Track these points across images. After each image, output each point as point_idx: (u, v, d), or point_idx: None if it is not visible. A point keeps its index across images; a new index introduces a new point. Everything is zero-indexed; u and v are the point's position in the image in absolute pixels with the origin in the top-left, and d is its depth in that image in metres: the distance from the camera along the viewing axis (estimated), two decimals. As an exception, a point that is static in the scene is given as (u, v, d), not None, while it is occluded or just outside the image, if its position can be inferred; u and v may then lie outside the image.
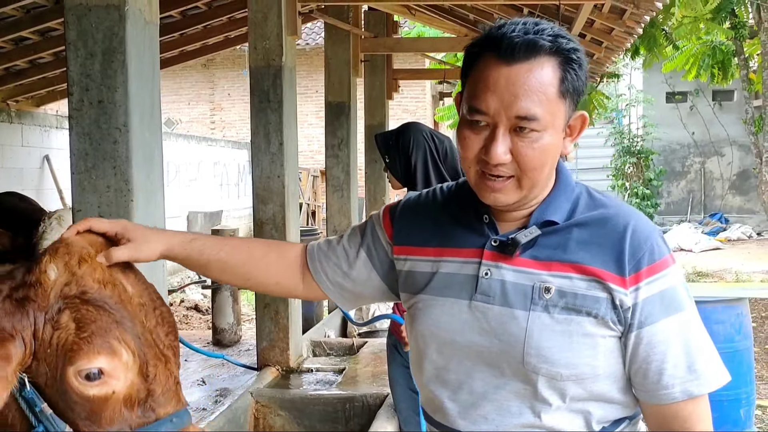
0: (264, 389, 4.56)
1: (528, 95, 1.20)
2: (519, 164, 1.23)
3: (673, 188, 17.56)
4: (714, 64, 11.31)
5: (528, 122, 1.21)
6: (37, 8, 6.38)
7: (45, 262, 1.24)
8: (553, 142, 1.24)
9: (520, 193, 1.26)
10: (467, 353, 1.30)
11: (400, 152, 2.93)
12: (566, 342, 1.23)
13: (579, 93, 1.26)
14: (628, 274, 1.22)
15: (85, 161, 2.77)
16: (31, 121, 8.68)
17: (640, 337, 1.23)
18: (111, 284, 1.26)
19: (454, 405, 1.32)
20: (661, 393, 1.24)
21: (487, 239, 1.31)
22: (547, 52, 1.21)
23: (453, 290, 1.32)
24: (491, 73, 1.22)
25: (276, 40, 4.69)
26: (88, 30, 2.74)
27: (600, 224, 1.27)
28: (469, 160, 1.27)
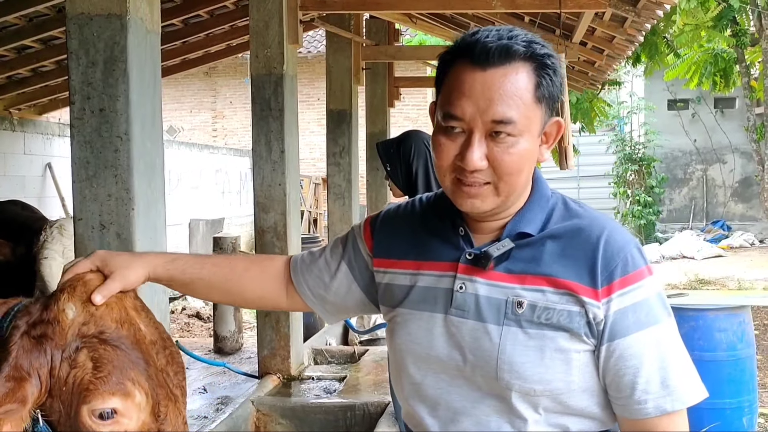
0: (265, 397, 4.56)
1: (503, 99, 1.18)
2: (495, 170, 1.21)
3: (675, 195, 17.54)
4: (716, 71, 11.30)
5: (504, 126, 1.19)
6: (39, 17, 6.40)
7: (63, 301, 1.26)
8: (530, 148, 1.22)
9: (497, 199, 1.24)
10: (443, 368, 1.29)
11: (402, 160, 2.93)
12: (539, 357, 1.21)
13: (554, 99, 1.24)
14: (600, 286, 1.20)
15: (87, 170, 2.78)
16: (34, 129, 8.70)
17: (611, 350, 1.21)
18: (127, 323, 1.28)
19: (434, 421, 1.31)
20: (634, 408, 1.22)
21: (462, 252, 1.29)
22: (521, 57, 1.20)
23: (429, 304, 1.31)
24: (466, 78, 1.20)
25: (277, 48, 4.70)
26: (90, 39, 2.75)
27: (573, 235, 1.25)
28: (444, 168, 1.24)
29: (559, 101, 1.27)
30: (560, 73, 1.26)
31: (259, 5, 4.69)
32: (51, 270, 3.20)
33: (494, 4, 4.90)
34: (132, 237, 2.77)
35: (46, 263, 3.21)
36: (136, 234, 2.78)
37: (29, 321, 1.24)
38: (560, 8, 4.76)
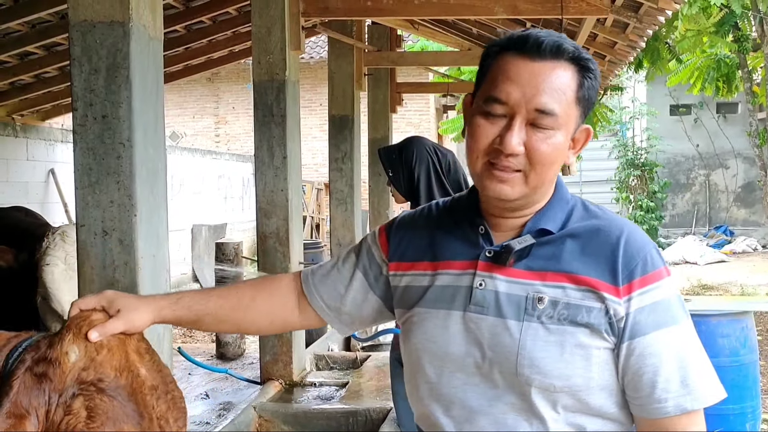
0: (267, 403, 4.56)
1: (549, 91, 1.22)
2: (530, 158, 1.23)
3: (678, 201, 17.53)
4: (719, 77, 11.30)
5: (545, 117, 1.22)
6: (42, 23, 6.42)
7: (67, 342, 1.24)
8: (564, 144, 1.26)
9: (525, 188, 1.25)
10: (460, 366, 1.29)
11: (404, 166, 2.93)
12: (559, 353, 1.22)
13: (591, 105, 1.28)
14: (621, 284, 1.22)
15: (89, 176, 2.78)
16: (37, 135, 8.72)
17: (632, 348, 1.22)
18: (127, 371, 1.26)
19: (449, 420, 1.31)
20: (653, 407, 1.22)
21: (482, 250, 1.31)
22: (569, 57, 1.24)
23: (447, 302, 1.31)
24: (515, 66, 1.24)
25: (279, 54, 4.71)
26: (93, 46, 2.76)
27: (593, 234, 1.27)
28: (479, 150, 1.26)
29: (592, 109, 1.30)
30: (599, 83, 1.30)
31: (261, 11, 4.71)
32: (53, 276, 3.20)
33: (496, 9, 4.91)
34: (134, 243, 2.77)
35: (48, 270, 3.21)
36: (138, 240, 2.78)
37: (34, 357, 1.23)
38: (562, 14, 4.77)
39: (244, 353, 7.04)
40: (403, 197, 2.99)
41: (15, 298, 3.36)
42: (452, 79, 10.35)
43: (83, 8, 2.76)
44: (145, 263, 2.82)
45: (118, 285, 2.78)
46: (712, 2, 7.70)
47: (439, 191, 2.89)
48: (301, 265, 5.09)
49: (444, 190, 2.89)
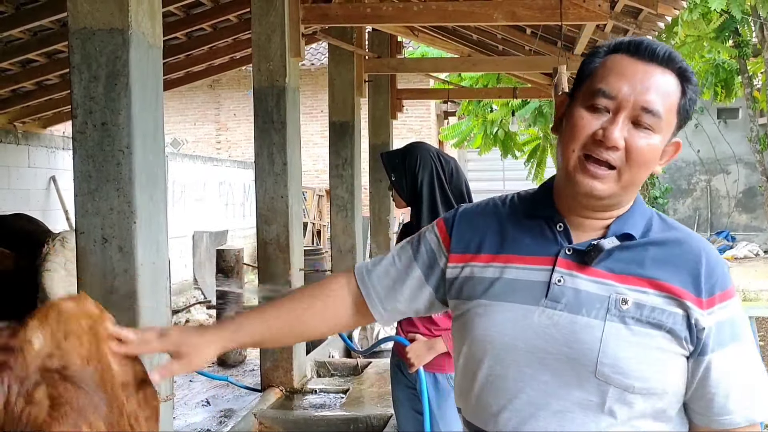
0: (267, 410, 4.55)
1: (658, 92, 1.25)
2: (628, 155, 1.24)
3: (679, 206, 17.53)
4: (717, 82, 11.31)
5: (650, 117, 1.24)
6: (43, 31, 6.45)
7: (31, 329, 1.17)
8: (659, 149, 1.28)
9: (617, 186, 1.26)
10: (528, 360, 1.28)
11: (407, 170, 2.92)
12: (642, 354, 1.23)
13: (687, 119, 1.31)
14: (705, 296, 1.25)
15: (89, 183, 2.79)
16: (38, 143, 8.74)
17: (713, 361, 1.25)
18: (96, 361, 1.19)
19: (511, 415, 1.30)
20: (724, 418, 1.26)
21: (561, 247, 1.31)
22: (677, 68, 1.28)
23: (518, 295, 1.31)
24: (628, 64, 1.27)
25: (279, 61, 4.72)
26: (92, 53, 2.77)
27: (676, 245, 1.29)
28: (578, 141, 1.26)
29: (685, 124, 1.32)
30: (696, 102, 1.32)
31: (261, 19, 4.72)
32: (52, 282, 3.22)
33: (495, 16, 4.92)
34: (134, 250, 2.78)
35: (47, 275, 3.22)
36: (137, 247, 2.78)
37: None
38: (561, 20, 4.78)
39: (245, 360, 7.04)
40: (405, 202, 2.99)
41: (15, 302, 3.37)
42: (453, 85, 10.36)
43: (83, 16, 2.77)
44: (144, 270, 2.82)
45: (118, 292, 2.78)
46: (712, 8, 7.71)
47: (441, 197, 2.89)
48: (301, 271, 5.09)
49: (446, 197, 2.89)
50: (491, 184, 17.47)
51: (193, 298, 10.92)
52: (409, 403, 2.93)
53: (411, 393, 2.90)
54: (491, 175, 17.70)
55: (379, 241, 8.62)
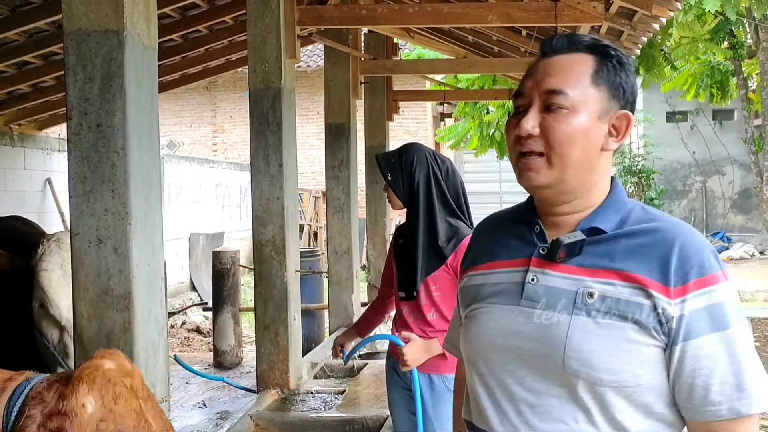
0: (264, 412, 4.54)
1: (558, 73, 1.31)
2: (547, 138, 1.29)
3: (675, 207, 17.55)
4: (713, 83, 11.33)
5: (555, 96, 1.29)
6: (39, 33, 6.44)
7: (82, 392, 1.21)
8: (585, 125, 1.30)
9: (551, 172, 1.30)
10: (509, 358, 1.33)
11: (403, 170, 2.93)
12: (608, 347, 1.24)
13: (621, 90, 1.32)
14: (674, 285, 1.24)
15: (84, 184, 2.79)
16: (34, 145, 8.73)
17: (685, 350, 1.23)
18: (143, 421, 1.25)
19: (498, 412, 1.34)
20: (707, 410, 1.23)
21: (536, 248, 1.36)
22: (584, 48, 1.33)
23: (500, 297, 1.37)
24: (533, 65, 1.36)
25: (275, 63, 4.72)
26: (87, 55, 2.77)
27: (649, 234, 1.30)
28: (510, 145, 1.35)
29: (627, 97, 1.34)
30: (629, 70, 1.34)
31: (256, 20, 4.72)
32: (50, 281, 3.21)
33: (490, 17, 4.93)
34: (129, 252, 2.78)
35: (45, 275, 3.22)
36: (133, 249, 2.78)
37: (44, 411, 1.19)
38: (556, 22, 4.79)
39: (242, 362, 7.04)
40: (401, 201, 2.99)
41: (9, 304, 3.36)
42: (449, 86, 10.37)
43: (78, 17, 2.77)
44: (139, 271, 2.82)
45: (113, 293, 2.78)
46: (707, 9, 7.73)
47: (438, 196, 2.89)
48: (297, 273, 5.09)
49: (443, 196, 2.90)
50: (487, 185, 17.49)
51: (190, 300, 10.91)
52: (405, 404, 2.94)
53: (407, 394, 2.90)
54: (488, 176, 17.72)
55: (375, 243, 8.62)
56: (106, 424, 1.20)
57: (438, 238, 2.83)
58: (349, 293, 7.09)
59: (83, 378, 1.23)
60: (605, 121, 1.31)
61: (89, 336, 2.79)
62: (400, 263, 2.99)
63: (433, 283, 2.83)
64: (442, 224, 2.85)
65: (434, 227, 2.84)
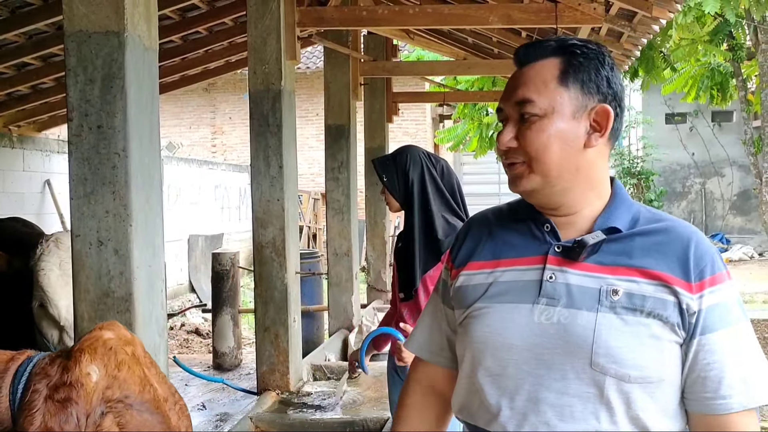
0: (264, 414, 4.54)
1: (525, 84, 1.34)
2: (524, 148, 1.32)
3: (674, 209, 17.56)
4: (713, 85, 11.33)
5: (525, 106, 1.32)
6: (39, 34, 6.44)
7: (85, 362, 1.25)
8: (559, 128, 1.31)
9: (534, 177, 1.33)
10: (526, 357, 1.31)
11: (398, 170, 2.96)
12: (635, 343, 1.25)
13: (594, 85, 1.32)
14: (694, 281, 1.27)
15: (84, 186, 2.78)
16: (33, 146, 8.72)
17: (702, 344, 1.26)
18: (147, 385, 1.29)
19: (512, 412, 1.32)
20: (717, 403, 1.26)
21: (550, 246, 1.35)
22: (551, 52, 1.35)
23: (512, 296, 1.35)
24: (509, 79, 1.40)
25: (275, 64, 4.72)
26: (88, 56, 2.77)
27: (664, 233, 1.32)
28: (500, 157, 1.39)
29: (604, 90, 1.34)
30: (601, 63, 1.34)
31: (257, 22, 4.72)
32: (49, 281, 3.22)
33: (491, 19, 4.93)
34: (130, 253, 2.77)
35: (43, 274, 3.23)
36: (133, 250, 2.78)
37: (50, 384, 1.22)
38: (557, 23, 4.79)
39: (241, 363, 7.03)
40: (398, 202, 3.01)
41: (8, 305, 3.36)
42: (448, 88, 10.37)
43: (78, 18, 2.76)
44: (140, 273, 2.81)
45: (114, 295, 2.77)
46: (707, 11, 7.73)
47: (434, 194, 2.91)
48: (297, 275, 5.09)
49: (440, 192, 2.92)
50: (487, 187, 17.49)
51: (189, 301, 10.90)
52: (406, 406, 2.93)
53: (407, 396, 2.89)
54: (487, 178, 17.73)
55: (375, 245, 8.62)
56: (112, 390, 1.24)
57: (436, 232, 2.85)
58: (348, 295, 7.08)
59: (84, 349, 1.27)
60: (582, 118, 1.32)
61: (90, 338, 2.79)
62: (400, 266, 3.00)
63: (432, 283, 2.83)
64: (439, 220, 2.87)
65: (431, 223, 2.86)
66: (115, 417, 1.22)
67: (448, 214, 2.89)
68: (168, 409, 1.29)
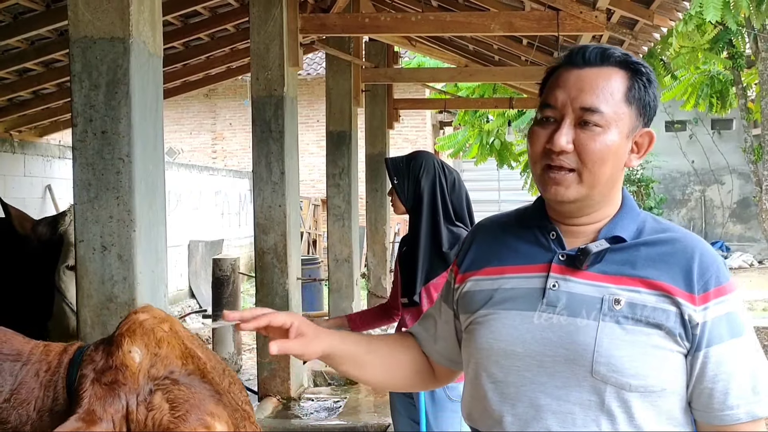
0: (265, 419, 4.54)
1: (593, 90, 1.29)
2: (580, 156, 1.29)
3: (674, 216, 17.57)
4: (712, 93, 11.36)
5: (591, 115, 1.28)
6: (41, 40, 6.45)
7: (126, 345, 1.28)
8: (617, 143, 1.30)
9: (581, 188, 1.31)
10: (528, 364, 1.32)
11: (410, 175, 2.95)
12: (636, 352, 1.25)
13: (646, 107, 1.33)
14: (698, 293, 1.26)
15: (88, 191, 2.79)
16: (34, 151, 8.73)
17: (708, 356, 1.26)
18: (190, 357, 1.31)
19: (514, 419, 1.33)
20: (725, 414, 1.26)
21: (554, 254, 1.35)
22: (616, 62, 1.32)
23: (516, 303, 1.35)
24: (563, 75, 1.33)
25: (278, 70, 4.74)
26: (93, 62, 2.78)
27: (669, 244, 1.32)
28: (536, 155, 1.34)
29: (650, 114, 1.35)
30: (656, 87, 1.34)
31: (259, 28, 4.74)
32: None
33: (492, 26, 4.95)
34: (133, 259, 2.78)
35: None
36: (137, 256, 2.79)
37: (96, 368, 1.26)
38: (558, 31, 4.81)
39: (241, 369, 7.02)
40: (405, 207, 3.00)
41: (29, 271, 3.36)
42: (449, 95, 10.39)
43: (84, 25, 2.78)
44: (143, 278, 2.82)
45: (117, 300, 2.78)
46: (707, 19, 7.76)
47: (442, 206, 2.90)
48: (299, 280, 5.09)
49: (446, 206, 2.91)
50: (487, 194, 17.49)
51: (189, 307, 10.89)
52: (406, 412, 2.94)
53: (408, 402, 2.90)
54: (487, 185, 17.72)
55: (375, 251, 8.62)
56: (156, 369, 1.26)
57: (442, 244, 2.84)
58: (349, 301, 7.08)
59: (124, 333, 1.31)
60: (631, 138, 1.33)
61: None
62: (403, 270, 3.00)
63: (436, 290, 2.83)
64: (445, 231, 2.86)
65: (438, 233, 2.85)
66: (164, 393, 1.24)
67: (454, 226, 2.89)
68: (216, 376, 1.31)
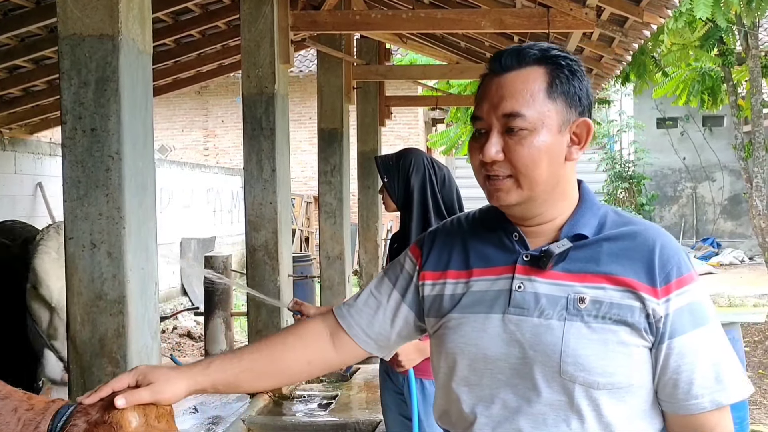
0: (256, 417, 4.54)
1: (512, 95, 1.29)
2: (511, 162, 1.29)
3: (666, 213, 17.63)
4: (703, 90, 11.39)
5: (514, 120, 1.28)
6: (31, 37, 6.43)
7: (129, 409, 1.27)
8: (547, 142, 1.29)
9: (521, 192, 1.31)
10: (500, 367, 1.32)
11: (400, 173, 2.95)
12: (602, 350, 1.26)
13: (574, 98, 1.32)
14: (659, 285, 1.27)
15: (78, 189, 2.79)
16: (24, 149, 8.69)
17: (671, 347, 1.27)
18: None
19: (488, 420, 1.33)
20: (690, 403, 1.27)
21: (518, 255, 1.35)
22: (534, 61, 1.31)
23: (484, 306, 1.35)
24: (486, 84, 1.34)
25: (268, 68, 4.73)
26: (82, 59, 2.77)
27: (630, 238, 1.32)
28: (476, 168, 1.35)
29: (584, 103, 1.34)
30: (581, 75, 1.34)
31: (250, 25, 4.73)
32: (43, 263, 3.23)
33: (483, 24, 4.96)
34: (123, 256, 2.78)
35: (39, 257, 3.24)
36: (127, 253, 2.78)
37: (89, 420, 1.25)
38: (549, 28, 4.82)
39: (233, 367, 7.01)
40: (396, 205, 3.00)
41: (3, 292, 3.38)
42: (441, 92, 10.40)
43: (73, 22, 2.77)
44: (133, 276, 2.82)
45: (107, 297, 2.77)
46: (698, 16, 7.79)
47: (432, 203, 2.90)
48: (290, 278, 5.09)
49: (436, 203, 2.91)
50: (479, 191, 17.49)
51: (181, 305, 10.88)
52: (397, 408, 2.94)
53: (399, 398, 2.90)
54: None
55: (367, 248, 8.62)
56: None
57: None
58: (341, 298, 7.09)
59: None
60: (565, 132, 1.32)
61: (83, 340, 2.79)
62: (394, 267, 3.00)
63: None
64: None
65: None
66: None
67: None
68: None
